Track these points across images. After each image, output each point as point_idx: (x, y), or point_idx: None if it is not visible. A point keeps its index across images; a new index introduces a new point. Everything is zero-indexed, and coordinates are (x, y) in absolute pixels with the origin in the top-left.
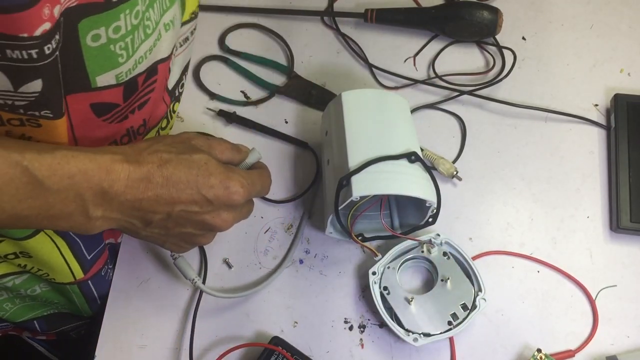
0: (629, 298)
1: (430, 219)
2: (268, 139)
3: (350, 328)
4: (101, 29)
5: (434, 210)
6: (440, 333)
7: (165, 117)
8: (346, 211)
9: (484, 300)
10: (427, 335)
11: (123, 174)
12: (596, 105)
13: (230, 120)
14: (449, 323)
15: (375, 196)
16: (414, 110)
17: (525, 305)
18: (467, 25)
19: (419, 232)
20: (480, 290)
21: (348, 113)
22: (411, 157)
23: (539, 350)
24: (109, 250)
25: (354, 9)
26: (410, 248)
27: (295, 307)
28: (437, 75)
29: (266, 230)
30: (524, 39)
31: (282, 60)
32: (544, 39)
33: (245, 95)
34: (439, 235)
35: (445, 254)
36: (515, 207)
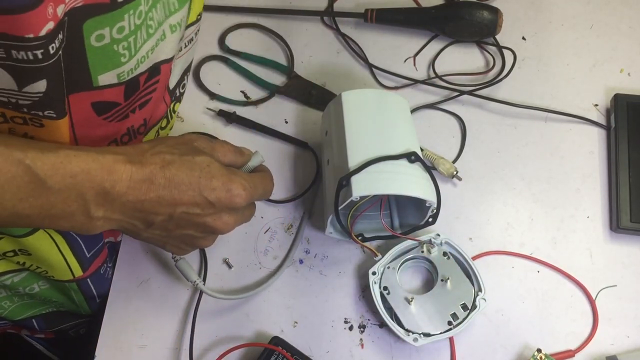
0: (629, 298)
1: (430, 219)
2: (268, 139)
3: (350, 328)
4: (105, 29)
5: (434, 210)
6: (440, 333)
7: (166, 117)
8: (346, 211)
9: (484, 300)
10: (427, 335)
11: (125, 175)
12: (596, 105)
13: (230, 120)
14: (449, 323)
15: (375, 196)
16: (414, 110)
17: (525, 305)
18: (467, 25)
19: (419, 232)
20: (480, 290)
21: (348, 113)
22: (411, 157)
23: (539, 350)
24: (108, 248)
25: (354, 9)
26: (410, 248)
27: (295, 307)
28: (437, 75)
29: (266, 230)
30: (524, 39)
31: (282, 60)
32: (544, 39)
33: (245, 95)
34: (439, 235)
35: (445, 254)
36: (515, 207)
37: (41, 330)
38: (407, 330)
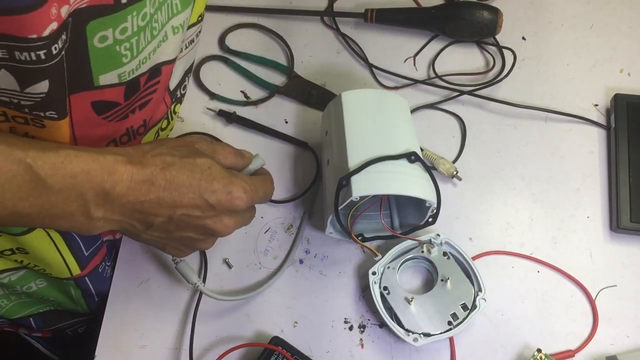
0: (629, 298)
1: (430, 219)
2: (268, 139)
3: (350, 328)
4: (109, 30)
5: (434, 210)
6: (440, 333)
7: (166, 118)
8: (346, 211)
9: (484, 300)
10: (427, 335)
11: (126, 176)
12: (596, 105)
13: (230, 120)
14: (449, 323)
15: (375, 196)
16: (414, 110)
17: (525, 305)
18: (467, 25)
19: (419, 232)
20: (480, 290)
21: (348, 113)
22: (411, 157)
23: (539, 350)
24: (107, 247)
25: (354, 9)
26: (410, 248)
27: (295, 307)
28: (437, 75)
29: (266, 230)
30: (524, 39)
31: (282, 60)
32: (544, 39)
33: (245, 95)
34: (439, 235)
35: (445, 254)
36: (515, 207)
37: (38, 329)
38: (407, 330)
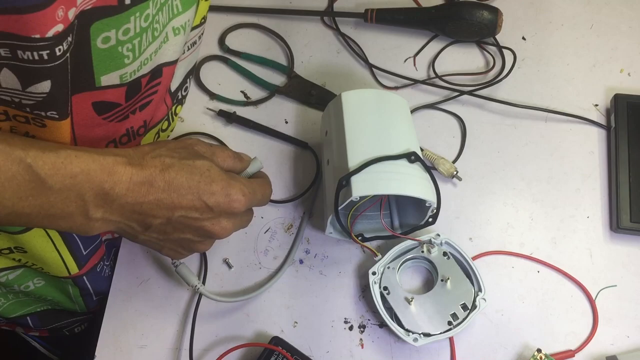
0: (629, 298)
1: (430, 219)
2: (268, 139)
3: (350, 328)
4: (112, 31)
5: (434, 210)
6: (440, 333)
7: (166, 119)
8: (346, 211)
9: (484, 300)
10: (427, 335)
11: (125, 177)
12: (596, 105)
13: (230, 120)
14: (449, 323)
15: (375, 196)
16: (414, 110)
17: (525, 305)
18: (467, 25)
19: (419, 232)
20: (480, 290)
21: (348, 113)
22: (411, 157)
23: (539, 350)
24: (106, 246)
25: (354, 9)
26: (410, 248)
27: (295, 307)
28: (437, 75)
29: (266, 230)
30: (524, 39)
31: (282, 60)
32: (544, 39)
33: (245, 95)
34: (439, 235)
35: (445, 254)
36: (515, 207)
37: (36, 328)
38: (407, 330)
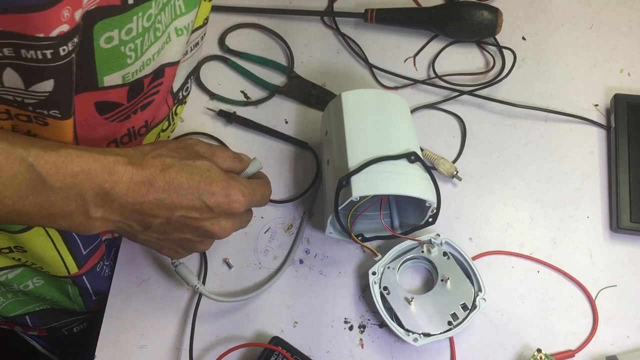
0: (629, 298)
1: (430, 219)
2: (268, 139)
3: (350, 328)
4: (115, 31)
5: (434, 210)
6: (440, 333)
7: (167, 119)
8: (346, 211)
9: (484, 300)
10: (427, 335)
11: (126, 176)
12: (596, 105)
13: (230, 120)
14: (449, 323)
15: (375, 196)
16: (414, 110)
17: (525, 305)
18: (467, 25)
19: (419, 232)
20: (480, 290)
21: (348, 113)
22: (411, 157)
23: (539, 350)
24: (106, 246)
25: (354, 9)
26: (410, 248)
27: (295, 307)
28: (437, 75)
29: (266, 231)
30: (524, 39)
31: (282, 60)
32: (544, 39)
33: (245, 95)
34: (439, 235)
35: (445, 254)
36: (515, 207)
37: (34, 328)
38: (407, 330)
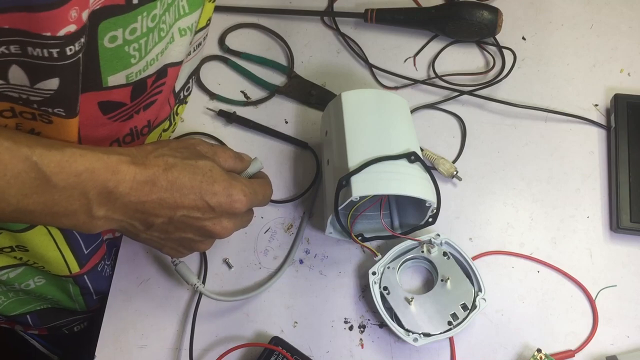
0: (629, 298)
1: (430, 219)
2: (268, 139)
3: (350, 328)
4: (119, 30)
5: (434, 210)
6: (440, 333)
7: (168, 119)
8: (346, 211)
9: (484, 300)
10: (427, 335)
11: (129, 176)
12: (596, 105)
13: (230, 120)
14: (449, 323)
15: (375, 196)
16: (414, 110)
17: (525, 305)
18: (467, 25)
19: (419, 232)
20: (480, 290)
21: (348, 113)
22: (411, 157)
23: (539, 350)
24: (107, 245)
25: (354, 9)
26: (410, 248)
27: (295, 307)
28: (437, 75)
29: (266, 231)
30: (524, 39)
31: (282, 60)
32: (544, 39)
33: (245, 95)
34: (439, 235)
35: (445, 254)
36: (515, 207)
37: (35, 327)
38: (407, 330)
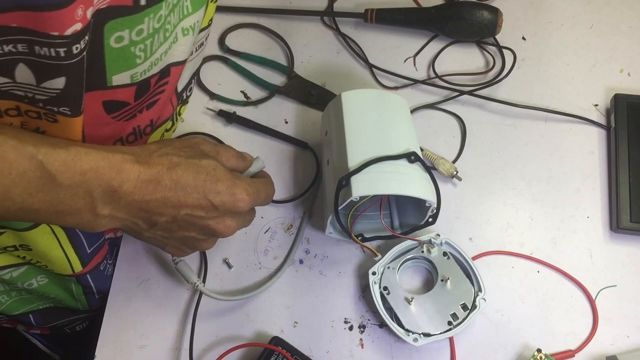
0: (629, 298)
1: (430, 219)
2: (268, 139)
3: (350, 328)
4: (125, 31)
5: (434, 210)
6: (440, 333)
7: (171, 119)
8: (346, 211)
9: (484, 300)
10: (427, 335)
11: (133, 174)
12: (596, 105)
13: (230, 120)
14: (449, 323)
15: (375, 196)
16: (414, 110)
17: (525, 305)
18: (467, 25)
19: (419, 232)
20: (480, 290)
21: (348, 113)
22: (411, 157)
23: (539, 350)
24: (109, 245)
25: (354, 9)
26: (410, 248)
27: (295, 307)
28: (437, 75)
29: (266, 231)
30: (524, 39)
31: (282, 60)
32: (544, 39)
33: (245, 95)
34: (439, 235)
35: (445, 254)
36: (515, 207)
37: (37, 326)
38: (407, 330)
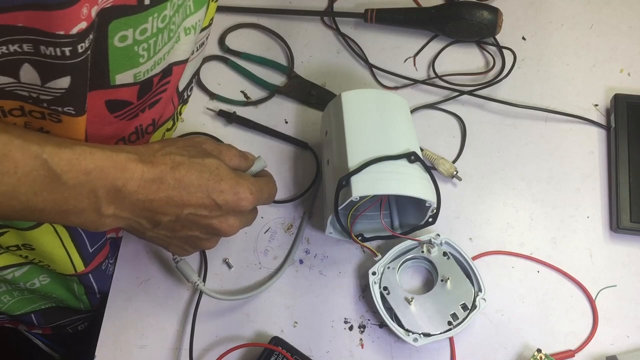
0: (628, 298)
1: (430, 219)
2: (268, 139)
3: (350, 328)
4: (129, 30)
5: (434, 210)
6: (440, 333)
7: (172, 118)
8: (346, 211)
9: (484, 300)
10: (427, 335)
11: (137, 174)
12: (596, 105)
13: (230, 120)
14: (449, 323)
15: (375, 196)
16: (414, 110)
17: (525, 305)
18: (467, 25)
19: (419, 232)
20: (480, 290)
21: (348, 113)
22: (411, 157)
23: (539, 350)
24: (110, 244)
25: (354, 9)
26: (410, 248)
27: (295, 307)
28: (437, 75)
29: (266, 231)
30: (524, 39)
31: (282, 60)
32: (544, 39)
33: (245, 95)
34: (439, 235)
35: (445, 254)
36: (515, 207)
37: (39, 326)
38: (407, 330)
